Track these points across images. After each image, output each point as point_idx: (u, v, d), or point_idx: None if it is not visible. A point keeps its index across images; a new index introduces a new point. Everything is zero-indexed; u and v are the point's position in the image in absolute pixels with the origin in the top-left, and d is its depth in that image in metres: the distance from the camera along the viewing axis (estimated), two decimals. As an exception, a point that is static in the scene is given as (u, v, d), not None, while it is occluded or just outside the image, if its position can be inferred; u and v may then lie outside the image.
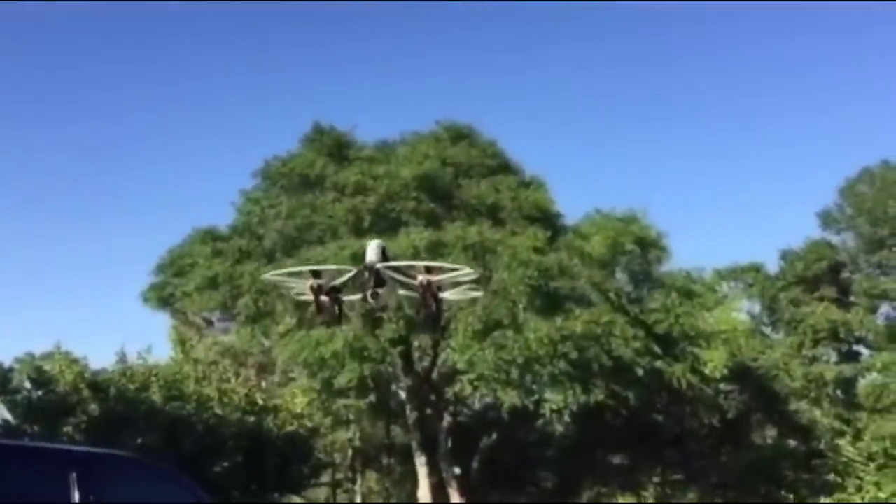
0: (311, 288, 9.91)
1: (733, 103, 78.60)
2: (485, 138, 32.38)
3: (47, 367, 27.52)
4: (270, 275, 11.97)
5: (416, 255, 28.02)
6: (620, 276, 31.43)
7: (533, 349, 25.32)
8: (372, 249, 9.94)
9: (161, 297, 31.04)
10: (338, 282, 10.04)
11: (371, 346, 26.71)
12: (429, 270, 9.79)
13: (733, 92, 79.45)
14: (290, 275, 11.42)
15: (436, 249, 28.12)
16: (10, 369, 28.08)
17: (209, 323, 40.08)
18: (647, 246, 30.66)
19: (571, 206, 36.10)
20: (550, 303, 26.86)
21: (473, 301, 26.64)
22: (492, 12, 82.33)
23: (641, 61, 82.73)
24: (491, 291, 26.98)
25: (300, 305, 27.91)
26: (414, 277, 9.80)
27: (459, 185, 30.55)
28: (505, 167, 32.13)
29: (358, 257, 27.73)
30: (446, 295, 11.07)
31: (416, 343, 29.60)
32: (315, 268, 10.66)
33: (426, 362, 31.52)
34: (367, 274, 9.83)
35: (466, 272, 10.42)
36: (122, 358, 29.25)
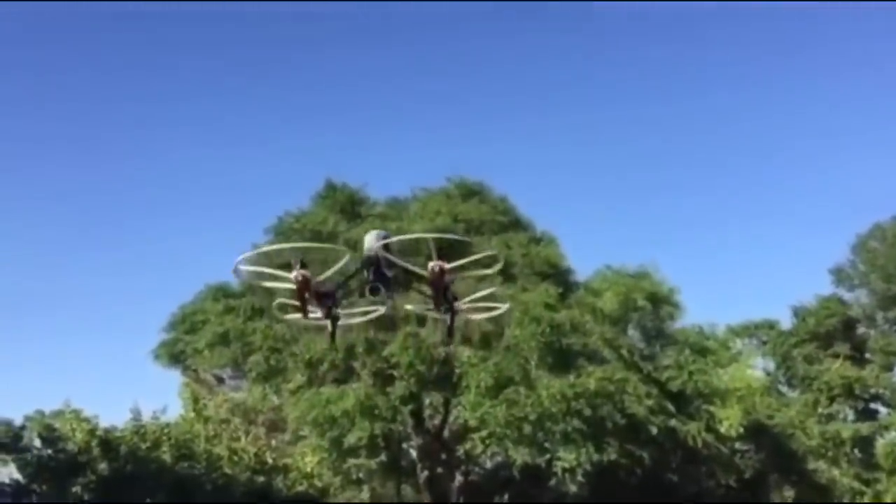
0: (296, 281, 7.87)
1: (745, 159, 79.22)
2: (496, 194, 32.63)
3: (57, 425, 27.38)
4: (243, 265, 8.67)
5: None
6: (632, 333, 31.34)
7: (545, 406, 25.11)
8: (371, 237, 8.41)
9: (172, 353, 31.04)
10: (326, 276, 8.15)
11: (381, 403, 26.54)
12: (441, 255, 8.17)
13: (745, 147, 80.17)
14: (273, 264, 8.55)
15: (447, 306, 28.14)
16: (21, 427, 27.93)
17: (220, 380, 39.89)
18: (659, 302, 30.62)
19: (582, 262, 36.26)
20: (562, 359, 26.74)
21: (484, 358, 26.61)
22: (503, 69, 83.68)
23: (652, 118, 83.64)
24: (503, 348, 26.91)
25: (311, 363, 27.94)
26: (424, 267, 8.31)
27: (470, 243, 30.58)
28: (516, 223, 32.29)
29: (372, 319, 28.13)
30: (474, 317, 10.07)
31: (427, 400, 29.34)
32: (300, 245, 8.53)
33: (437, 420, 31.21)
34: (364, 267, 8.35)
35: (486, 254, 8.75)
36: (137, 416, 29.13)
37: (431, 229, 29.48)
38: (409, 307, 10.41)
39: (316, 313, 8.64)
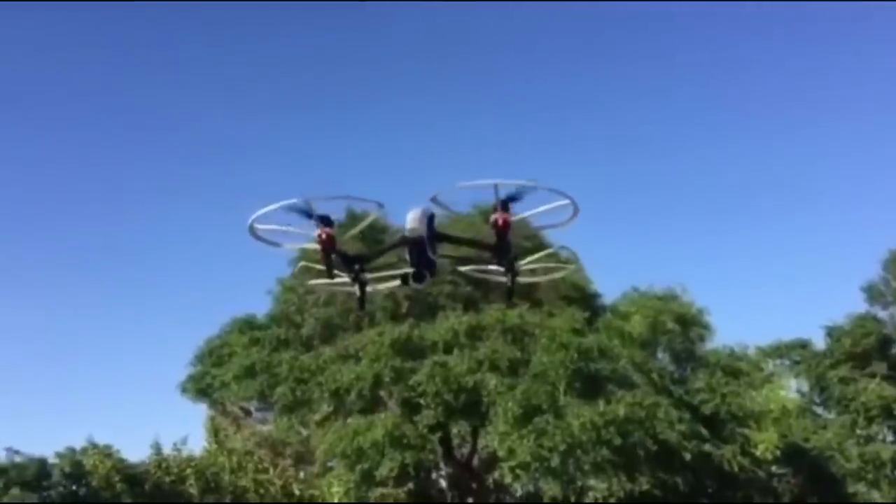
0: (319, 239, 7.32)
1: (773, 176, 78.07)
2: (517, 222, 32.37)
3: (84, 460, 27.36)
4: (257, 222, 7.61)
5: (455, 339, 27.97)
6: (662, 356, 30.86)
7: (575, 435, 24.69)
8: (415, 216, 7.38)
9: (199, 387, 31.08)
10: (352, 233, 7.69)
11: (410, 433, 26.28)
12: (505, 208, 7.45)
13: (774, 165, 79.03)
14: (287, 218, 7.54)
15: (474, 333, 27.93)
16: (46, 463, 27.92)
17: (247, 413, 39.86)
18: (689, 323, 30.17)
19: (608, 285, 35.76)
20: (591, 386, 26.35)
21: (512, 386, 26.26)
22: (522, 93, 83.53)
23: (677, 137, 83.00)
24: (531, 375, 26.58)
25: (338, 393, 27.78)
26: (480, 248, 7.98)
27: (496, 268, 30.44)
28: (540, 247, 31.92)
29: (397, 344, 28.24)
30: (539, 279, 9.43)
31: (454, 429, 29.00)
32: (322, 196, 7.30)
33: (466, 449, 30.85)
34: (405, 248, 7.56)
35: (560, 203, 7.65)
36: (158, 450, 29.10)
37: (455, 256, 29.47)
38: (462, 269, 9.64)
39: (343, 277, 8.03)
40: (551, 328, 27.33)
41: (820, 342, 46.28)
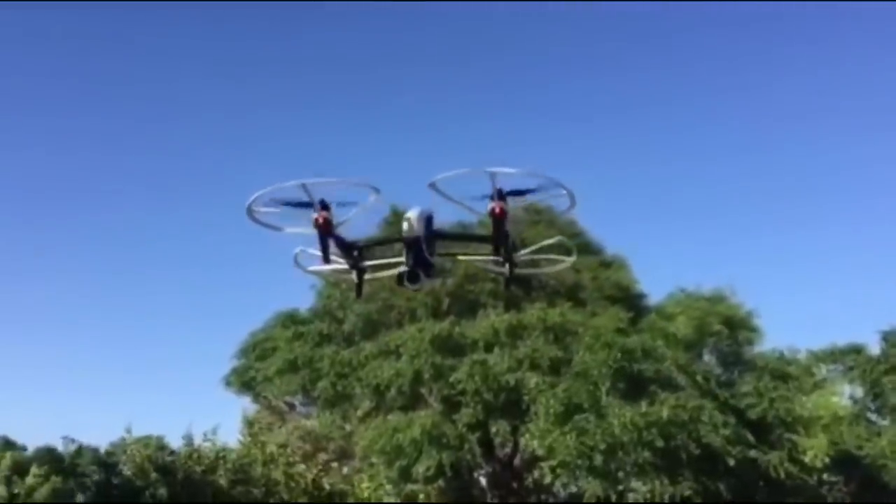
0: (316, 223, 7.20)
1: (829, 175, 76.12)
2: (564, 218, 32.05)
3: (120, 450, 27.76)
4: (255, 205, 7.45)
5: (496, 337, 27.80)
6: (708, 358, 30.26)
7: (616, 435, 24.33)
8: (413, 216, 7.36)
9: (243, 381, 31.42)
10: (349, 217, 7.30)
11: (449, 432, 26.20)
12: (502, 197, 7.25)
13: (830, 164, 77.06)
14: (285, 203, 7.31)
15: (515, 332, 27.74)
16: (79, 452, 28.32)
17: (292, 407, 40.20)
18: (736, 326, 29.53)
19: (654, 285, 35.11)
20: (634, 386, 25.94)
21: (553, 385, 25.99)
22: (570, 86, 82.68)
23: (729, 137, 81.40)
24: (573, 374, 26.28)
25: (378, 389, 27.82)
26: (478, 241, 7.89)
27: (539, 266, 30.19)
28: (586, 247, 31.59)
29: (438, 341, 28.12)
30: (535, 271, 9.37)
31: (494, 429, 28.81)
32: (321, 180, 7.11)
33: (508, 448, 30.64)
34: (404, 249, 7.55)
35: (554, 194, 7.56)
36: (189, 441, 29.47)
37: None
38: (463, 258, 9.56)
39: (341, 264, 7.98)
40: (595, 327, 26.99)
41: (875, 347, 44.96)
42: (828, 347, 43.78)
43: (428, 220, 7.49)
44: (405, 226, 7.33)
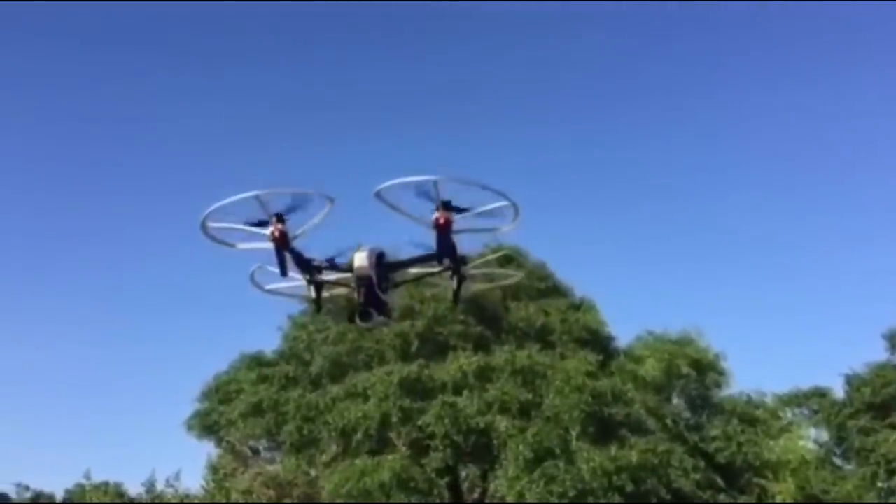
0: (272, 236, 7.09)
1: (791, 222, 77.54)
2: (533, 260, 32.11)
3: (78, 497, 26.92)
4: (212, 221, 7.51)
5: (465, 380, 27.52)
6: (677, 401, 30.28)
7: (587, 481, 24.08)
8: (362, 256, 7.51)
9: (205, 424, 30.64)
10: (304, 228, 7.26)
11: (417, 476, 25.71)
12: (447, 207, 7.27)
13: (791, 211, 78.51)
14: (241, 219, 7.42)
15: (484, 374, 27.50)
16: (53, 499, 27.58)
17: (255, 452, 39.30)
18: (704, 369, 29.63)
19: (623, 328, 35.18)
20: (604, 430, 25.78)
21: (522, 429, 25.72)
22: (535, 137, 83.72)
23: (696, 182, 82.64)
24: (543, 418, 26.05)
25: (345, 432, 27.30)
26: (427, 260, 7.97)
27: (508, 308, 30.09)
28: (554, 289, 31.68)
29: (406, 383, 27.78)
30: (483, 286, 9.66)
31: (464, 473, 28.41)
32: (273, 190, 7.10)
33: (476, 493, 30.17)
34: (356, 285, 7.57)
35: (501, 204, 7.58)
36: (151, 486, 28.66)
37: (467, 297, 29.15)
38: (412, 271, 9.53)
39: (298, 280, 8.00)
40: (565, 370, 26.85)
41: (839, 391, 45.33)
42: (792, 391, 44.01)
43: (379, 256, 7.54)
44: (356, 264, 7.34)
